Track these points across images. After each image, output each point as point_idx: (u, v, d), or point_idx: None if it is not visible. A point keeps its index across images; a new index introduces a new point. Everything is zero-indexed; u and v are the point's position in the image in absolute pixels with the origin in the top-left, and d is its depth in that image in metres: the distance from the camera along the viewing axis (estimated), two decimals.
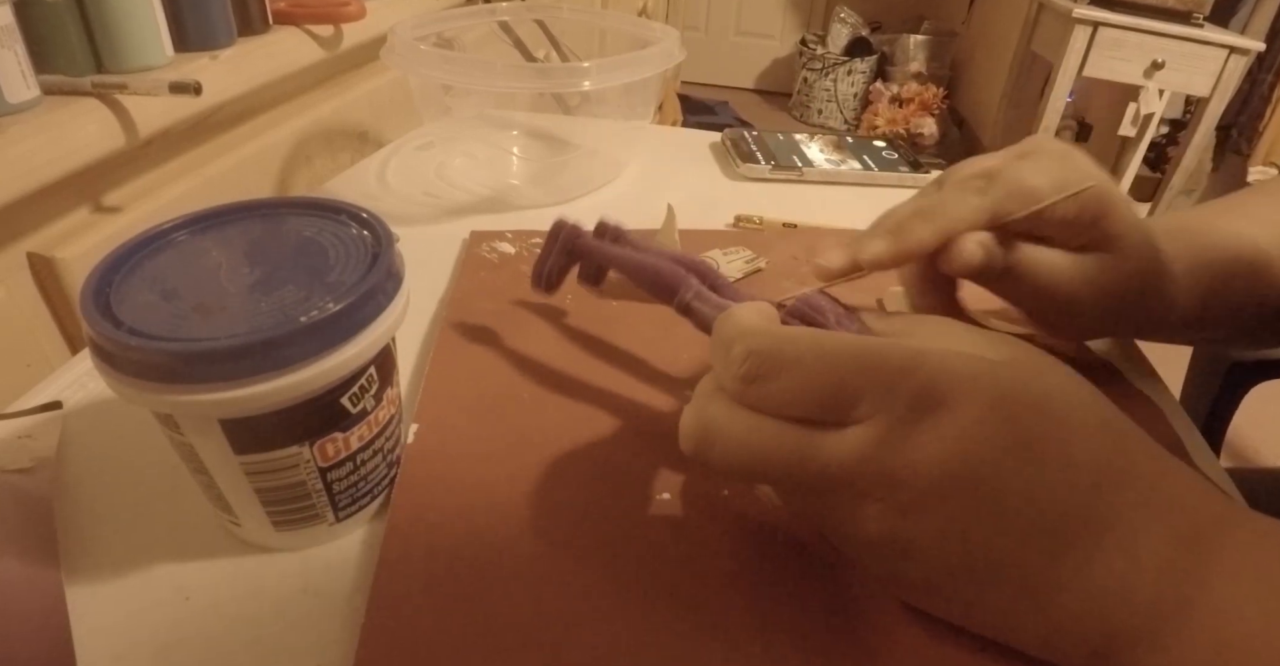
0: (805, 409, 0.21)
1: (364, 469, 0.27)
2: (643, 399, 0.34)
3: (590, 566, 0.26)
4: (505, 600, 0.25)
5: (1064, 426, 0.21)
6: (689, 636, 0.24)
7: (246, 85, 0.56)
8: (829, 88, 2.95)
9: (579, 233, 0.34)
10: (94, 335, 0.21)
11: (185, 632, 0.24)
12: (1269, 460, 1.45)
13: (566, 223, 0.34)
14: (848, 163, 0.61)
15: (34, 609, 0.24)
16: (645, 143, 0.62)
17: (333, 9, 0.63)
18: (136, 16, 0.47)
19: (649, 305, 0.41)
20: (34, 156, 0.41)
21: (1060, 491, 0.21)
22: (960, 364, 0.21)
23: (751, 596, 0.26)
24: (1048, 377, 0.22)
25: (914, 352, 0.21)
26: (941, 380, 0.20)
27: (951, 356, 0.21)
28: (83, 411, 0.33)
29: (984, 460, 0.20)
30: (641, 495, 0.29)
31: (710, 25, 3.21)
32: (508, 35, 0.68)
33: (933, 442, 0.20)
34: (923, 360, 0.21)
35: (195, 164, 0.56)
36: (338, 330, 0.23)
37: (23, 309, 0.45)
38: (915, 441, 0.20)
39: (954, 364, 0.21)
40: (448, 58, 0.47)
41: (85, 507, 0.29)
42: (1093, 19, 1.93)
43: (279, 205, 0.28)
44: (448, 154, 0.61)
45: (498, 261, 0.44)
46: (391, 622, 0.24)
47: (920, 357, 0.21)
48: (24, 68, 0.42)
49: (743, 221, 0.51)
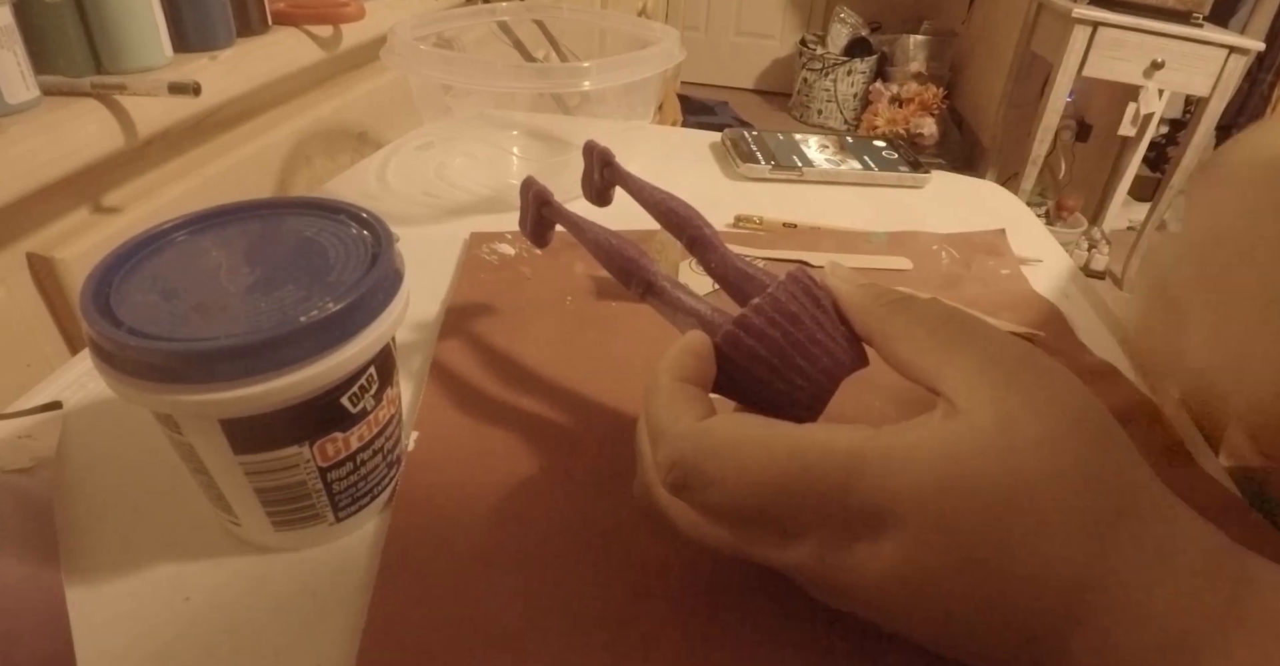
0: (737, 522, 0.21)
1: (364, 469, 0.27)
2: (640, 398, 0.34)
3: (589, 570, 0.26)
4: (505, 602, 0.25)
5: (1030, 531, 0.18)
6: (688, 638, 0.24)
7: (246, 86, 0.56)
8: (829, 88, 2.95)
9: (545, 199, 0.34)
10: (94, 335, 0.21)
11: (185, 632, 0.24)
12: None
13: (534, 184, 0.34)
14: (848, 162, 0.61)
15: (34, 609, 0.24)
16: (645, 143, 0.62)
17: (332, 9, 0.63)
18: (136, 17, 0.47)
19: (649, 308, 0.41)
20: (33, 157, 0.41)
21: (1021, 600, 0.19)
22: (902, 471, 0.19)
23: (751, 598, 0.26)
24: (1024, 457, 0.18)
25: (849, 461, 0.19)
26: (880, 498, 0.19)
27: (896, 460, 0.19)
28: (83, 411, 0.33)
29: (927, 581, 0.19)
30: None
31: (710, 25, 3.21)
32: (507, 35, 0.68)
33: (872, 562, 0.19)
34: (860, 472, 0.19)
35: (195, 164, 0.56)
36: (338, 330, 0.23)
37: (22, 309, 0.45)
38: (854, 560, 0.19)
39: (894, 477, 0.19)
40: (448, 58, 0.47)
41: (85, 507, 0.29)
42: (1092, 19, 1.93)
43: (279, 205, 0.28)
44: (448, 154, 0.61)
45: (497, 263, 0.44)
46: (391, 624, 0.24)
47: (857, 468, 0.19)
48: (23, 68, 0.42)
49: (743, 221, 0.51)
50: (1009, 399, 0.19)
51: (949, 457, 0.19)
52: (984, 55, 2.76)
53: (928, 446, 0.19)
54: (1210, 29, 1.94)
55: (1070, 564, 0.18)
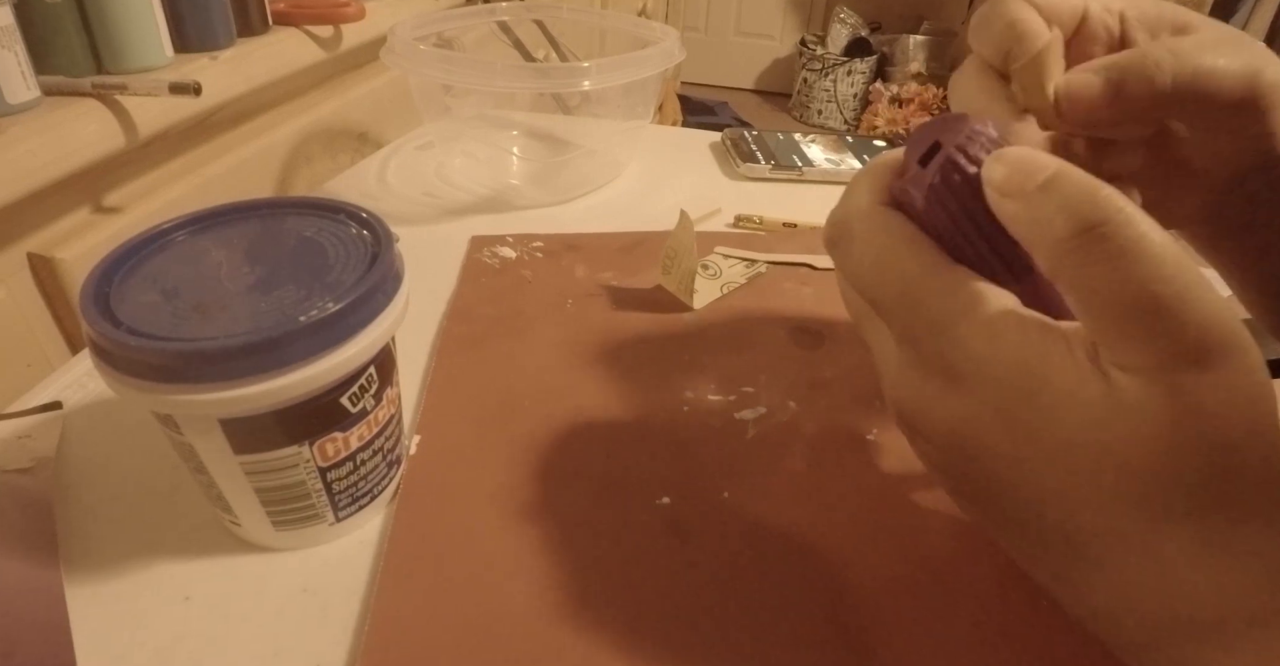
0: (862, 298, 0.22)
1: (364, 468, 0.27)
2: (642, 401, 0.34)
3: (591, 570, 0.26)
4: (506, 603, 0.25)
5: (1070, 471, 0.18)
6: (689, 639, 0.24)
7: (246, 86, 0.56)
8: (829, 88, 2.95)
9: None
10: (94, 335, 0.21)
11: (185, 632, 0.24)
12: None
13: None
14: (848, 162, 0.61)
15: (34, 609, 0.24)
16: (645, 143, 0.62)
17: (332, 10, 0.63)
18: (136, 17, 0.47)
19: (650, 309, 0.41)
20: (34, 157, 0.41)
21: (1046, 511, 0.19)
22: (992, 353, 0.19)
23: (750, 599, 0.26)
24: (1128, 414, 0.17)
25: (955, 313, 0.19)
26: (960, 359, 0.19)
27: (989, 327, 0.19)
28: (83, 411, 0.33)
29: (976, 452, 0.20)
30: (641, 499, 0.29)
31: (710, 25, 3.21)
32: (507, 35, 0.67)
33: (940, 406, 0.20)
34: (955, 326, 0.19)
35: (195, 164, 0.56)
36: (337, 330, 0.23)
37: (23, 309, 0.45)
38: (930, 390, 0.20)
39: (984, 350, 0.19)
40: (447, 58, 0.47)
41: (85, 507, 0.29)
42: None
43: (278, 205, 0.28)
44: (448, 154, 0.61)
45: (499, 267, 0.44)
46: (394, 624, 0.24)
47: (956, 321, 0.19)
48: (24, 68, 0.42)
49: (743, 221, 0.51)
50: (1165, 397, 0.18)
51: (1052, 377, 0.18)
52: None
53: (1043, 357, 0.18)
54: None
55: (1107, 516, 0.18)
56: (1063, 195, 0.18)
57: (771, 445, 0.32)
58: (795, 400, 0.35)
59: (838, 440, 0.32)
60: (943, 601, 0.26)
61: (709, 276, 0.44)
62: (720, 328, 0.40)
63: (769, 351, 0.38)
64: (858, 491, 0.30)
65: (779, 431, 0.33)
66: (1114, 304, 0.17)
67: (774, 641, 0.24)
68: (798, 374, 0.36)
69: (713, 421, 0.33)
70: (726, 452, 0.32)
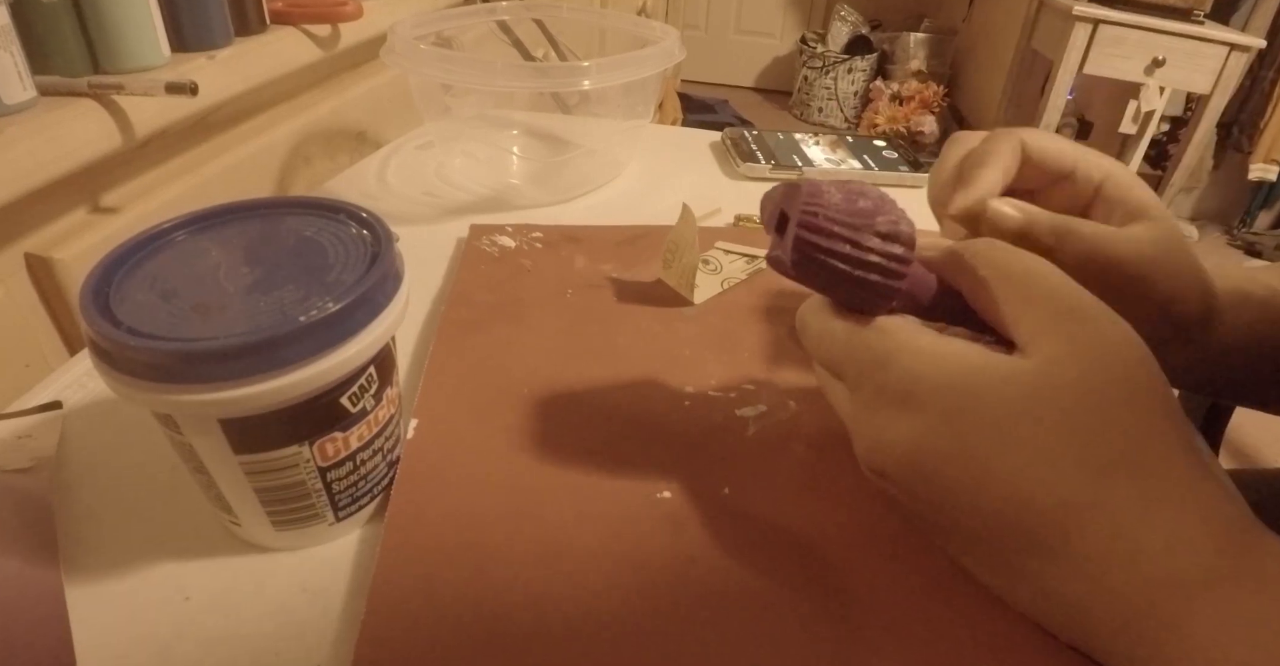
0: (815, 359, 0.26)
1: (364, 468, 0.27)
2: (643, 395, 0.34)
3: (590, 564, 0.26)
4: (504, 598, 0.25)
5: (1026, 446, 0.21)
6: (688, 635, 0.24)
7: (244, 85, 0.56)
8: (829, 86, 2.95)
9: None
10: (93, 335, 0.21)
11: (185, 632, 0.24)
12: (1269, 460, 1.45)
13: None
14: (848, 162, 0.61)
15: (34, 609, 0.24)
16: (645, 142, 0.62)
17: (330, 9, 0.63)
18: (133, 17, 0.47)
19: (650, 303, 0.41)
20: (31, 157, 0.41)
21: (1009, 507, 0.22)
22: (930, 369, 0.22)
23: (751, 595, 0.26)
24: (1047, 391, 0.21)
25: (891, 350, 0.23)
26: (905, 383, 0.23)
27: (925, 357, 0.23)
28: (83, 411, 0.33)
29: (933, 467, 0.22)
30: (641, 492, 0.29)
31: (710, 24, 3.21)
32: (506, 35, 0.67)
33: (892, 430, 0.23)
34: (894, 358, 0.23)
35: (193, 164, 0.56)
36: (337, 330, 0.22)
37: (21, 309, 0.45)
38: (882, 421, 0.23)
39: (922, 369, 0.22)
40: (447, 57, 0.47)
41: (85, 507, 0.29)
42: (1093, 16, 1.93)
43: (278, 205, 0.28)
44: (448, 154, 0.61)
45: (498, 255, 0.44)
46: (391, 622, 0.24)
47: (893, 355, 0.23)
48: (20, 69, 0.42)
49: (743, 221, 0.51)
50: (1061, 346, 0.22)
51: (978, 370, 0.22)
52: (984, 53, 2.76)
53: (965, 359, 0.22)
54: (1211, 26, 1.94)
55: (1055, 486, 0.21)
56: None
57: (772, 442, 0.32)
58: (795, 399, 0.35)
59: (837, 439, 0.32)
60: (940, 598, 0.26)
61: (710, 271, 0.44)
62: (720, 323, 0.40)
63: (769, 348, 0.38)
64: (857, 491, 0.30)
65: (779, 429, 0.33)
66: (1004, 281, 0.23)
67: (772, 637, 0.24)
68: (798, 372, 0.36)
69: (714, 417, 0.33)
70: (727, 449, 0.32)
